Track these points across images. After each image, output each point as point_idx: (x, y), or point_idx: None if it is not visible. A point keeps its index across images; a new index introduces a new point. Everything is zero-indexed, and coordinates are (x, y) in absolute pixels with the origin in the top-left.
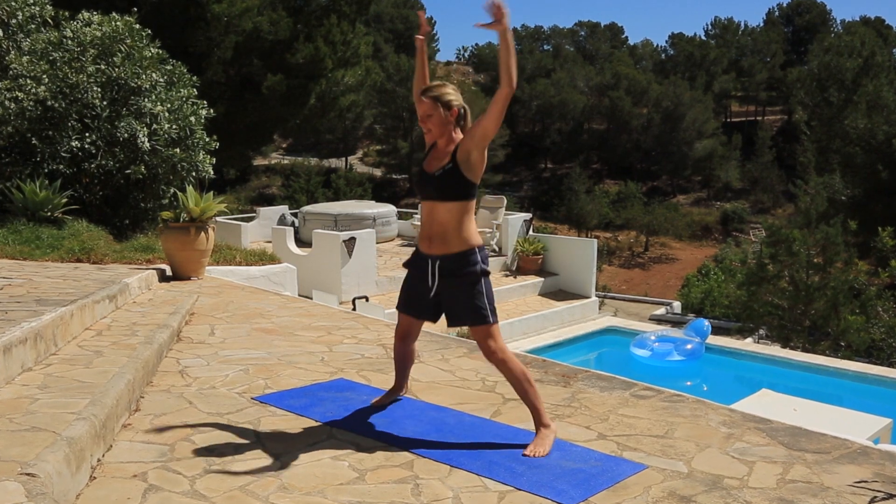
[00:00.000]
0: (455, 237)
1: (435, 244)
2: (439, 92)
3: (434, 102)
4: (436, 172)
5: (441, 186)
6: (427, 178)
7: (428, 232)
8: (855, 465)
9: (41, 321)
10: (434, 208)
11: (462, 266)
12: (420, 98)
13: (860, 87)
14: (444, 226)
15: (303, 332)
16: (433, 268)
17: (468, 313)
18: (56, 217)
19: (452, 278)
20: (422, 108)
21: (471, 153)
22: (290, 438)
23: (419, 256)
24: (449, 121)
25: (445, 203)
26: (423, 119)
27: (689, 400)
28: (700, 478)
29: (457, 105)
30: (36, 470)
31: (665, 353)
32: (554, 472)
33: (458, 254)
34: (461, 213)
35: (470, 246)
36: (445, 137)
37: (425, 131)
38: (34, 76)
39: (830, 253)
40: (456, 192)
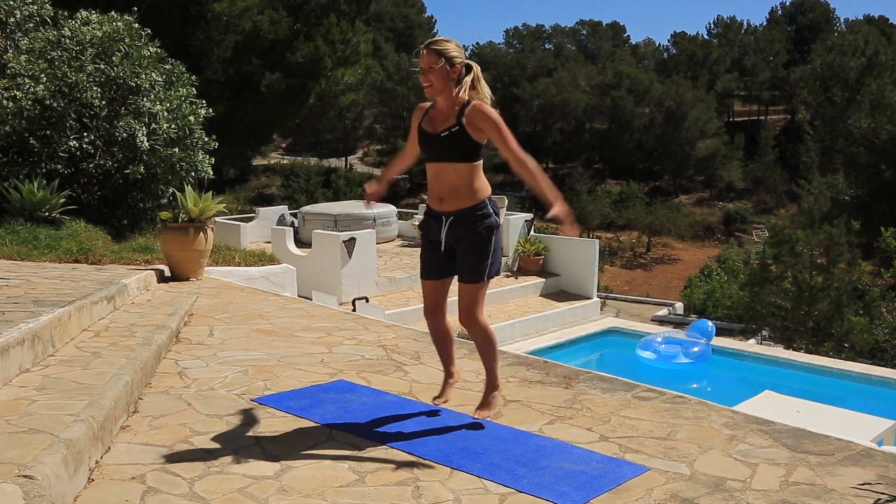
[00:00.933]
0: (466, 194)
1: (447, 203)
2: (443, 46)
3: (437, 56)
4: (441, 133)
5: (448, 147)
6: (432, 139)
7: (438, 192)
8: (858, 467)
9: (39, 322)
10: (442, 169)
11: (474, 220)
12: (422, 50)
13: (864, 87)
14: (454, 185)
15: (302, 334)
16: (446, 223)
17: (471, 267)
18: (54, 217)
19: (465, 229)
20: (424, 61)
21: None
22: (290, 440)
23: (431, 214)
24: (451, 77)
25: (454, 164)
26: (425, 71)
27: (691, 401)
28: (702, 480)
29: (459, 62)
30: (34, 472)
31: (671, 356)
32: (555, 475)
33: (469, 208)
34: (470, 173)
35: (481, 199)
36: (446, 94)
37: (425, 84)
38: (32, 75)
39: (834, 253)
40: (463, 153)
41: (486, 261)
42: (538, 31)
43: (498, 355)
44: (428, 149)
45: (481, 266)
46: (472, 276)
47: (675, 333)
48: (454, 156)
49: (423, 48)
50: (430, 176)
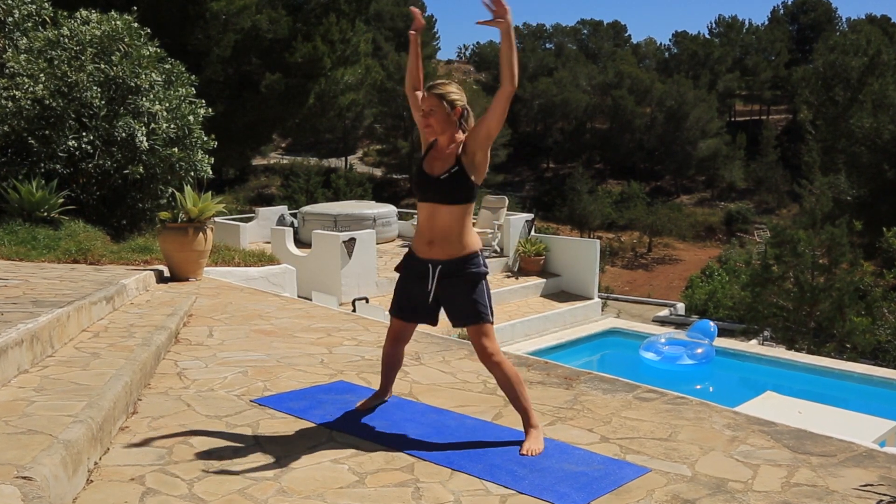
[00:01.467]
0: (457, 241)
1: (436, 248)
2: (445, 90)
3: (439, 99)
4: (441, 176)
5: (446, 190)
6: (430, 181)
7: (429, 236)
8: (861, 468)
9: (37, 323)
10: (436, 211)
11: (464, 269)
12: (423, 93)
13: (866, 86)
14: (447, 229)
15: (302, 334)
16: (434, 272)
17: (467, 311)
18: (53, 217)
19: (453, 279)
20: (426, 103)
21: (476, 154)
22: (290, 441)
23: (416, 260)
24: (452, 120)
25: (448, 206)
26: (426, 115)
27: (692, 402)
28: (704, 481)
29: (460, 105)
30: (32, 473)
31: (675, 357)
32: (556, 476)
33: (460, 258)
34: (463, 216)
35: (472, 250)
36: (446, 136)
37: (424, 127)
38: (31, 75)
39: (836, 254)
40: (460, 195)
41: (484, 300)
42: (539, 30)
43: (527, 394)
44: (424, 190)
45: (477, 305)
46: (475, 318)
47: (677, 334)
48: (451, 197)
49: (425, 91)
50: (421, 217)
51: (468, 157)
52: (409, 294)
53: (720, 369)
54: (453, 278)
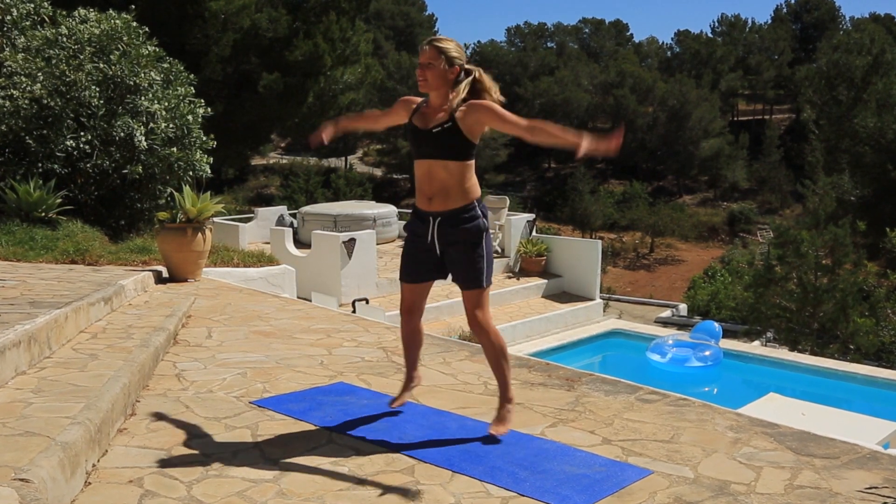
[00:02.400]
0: (456, 193)
1: (435, 202)
2: (445, 45)
3: (437, 53)
4: (433, 128)
5: (439, 144)
6: (423, 135)
7: (427, 191)
8: (864, 470)
9: (35, 324)
10: (432, 167)
11: (463, 222)
12: (423, 46)
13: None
14: (444, 184)
15: (302, 335)
16: (434, 224)
17: (465, 273)
18: (50, 218)
19: (454, 234)
20: (424, 56)
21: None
22: (289, 443)
23: (418, 214)
24: (448, 78)
25: (444, 161)
26: (423, 66)
27: (695, 404)
28: (706, 483)
29: (458, 63)
30: (30, 475)
31: (683, 359)
32: (558, 478)
33: (458, 209)
34: (461, 172)
35: (469, 200)
36: (441, 93)
37: (420, 79)
38: (29, 74)
39: (839, 254)
40: (455, 151)
41: (481, 263)
42: (540, 29)
43: (510, 365)
44: (418, 145)
45: (477, 270)
46: (471, 282)
47: (681, 336)
48: (445, 153)
49: (425, 43)
50: (418, 174)
51: (465, 122)
52: (415, 253)
53: (723, 371)
54: (454, 231)
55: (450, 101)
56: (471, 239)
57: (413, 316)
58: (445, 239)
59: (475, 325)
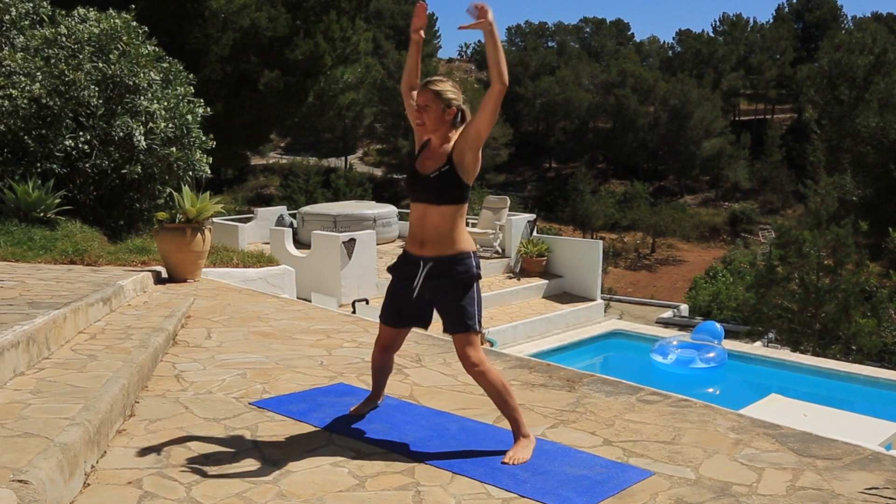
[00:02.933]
0: (449, 241)
1: (427, 247)
2: (441, 87)
3: (434, 96)
4: (431, 174)
5: (436, 189)
6: (421, 180)
7: (420, 236)
8: (866, 471)
9: (34, 324)
10: (427, 211)
11: (455, 267)
12: (420, 89)
13: (872, 85)
14: (438, 230)
15: (301, 336)
16: (424, 269)
17: (454, 318)
18: (49, 218)
19: (444, 280)
20: (420, 98)
21: (465, 155)
22: (289, 444)
23: (408, 258)
24: (445, 119)
25: (439, 206)
26: (420, 110)
27: (696, 405)
28: (708, 485)
29: (456, 105)
30: (28, 477)
31: (688, 361)
32: (558, 479)
33: (452, 256)
34: (454, 217)
35: (465, 250)
36: (439, 135)
37: (417, 124)
38: (28, 73)
39: (841, 254)
40: (451, 196)
41: (472, 307)
42: (541, 28)
43: (515, 402)
44: (416, 190)
45: (466, 313)
46: (460, 325)
47: (682, 336)
48: (441, 197)
49: (421, 86)
50: (413, 218)
51: (458, 157)
52: (399, 296)
53: (724, 372)
54: (444, 279)
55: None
56: (461, 281)
57: (388, 353)
58: (433, 285)
59: (470, 366)
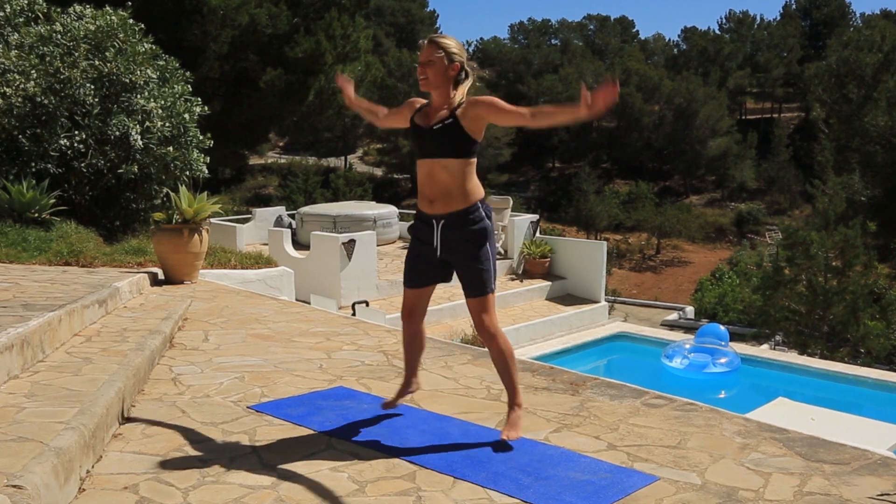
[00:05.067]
0: (458, 195)
1: (437, 204)
2: (445, 42)
3: (437, 49)
4: (434, 126)
5: (440, 141)
6: (424, 132)
7: (429, 193)
8: (875, 476)
9: (28, 327)
10: (433, 167)
11: (466, 224)
12: (424, 44)
13: (880, 83)
14: (446, 185)
15: (300, 339)
16: (438, 227)
17: (472, 280)
18: (44, 218)
19: (458, 236)
20: (424, 54)
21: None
22: (287, 449)
23: (422, 218)
24: (449, 75)
25: (446, 160)
26: (423, 64)
27: (702, 409)
28: (714, 490)
29: (459, 60)
30: (22, 482)
31: (702, 365)
32: (562, 484)
33: (461, 210)
34: (463, 171)
35: (472, 202)
36: (441, 91)
37: (421, 77)
38: (23, 71)
39: (849, 256)
40: (457, 148)
41: (487, 267)
42: (544, 25)
43: (517, 369)
44: (419, 143)
45: (482, 276)
46: (476, 289)
47: (688, 340)
48: (447, 151)
49: (425, 41)
50: (420, 175)
51: (467, 118)
52: (418, 256)
53: (731, 375)
54: (457, 235)
55: (451, 99)
56: (475, 241)
57: (414, 319)
58: (449, 244)
59: (483, 330)
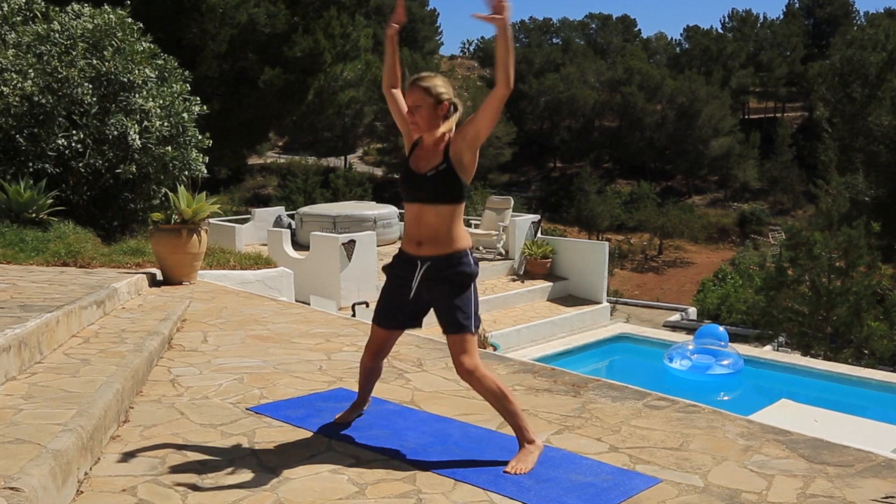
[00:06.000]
0: (446, 240)
1: (425, 247)
2: (431, 83)
3: (425, 93)
4: (427, 173)
5: (433, 188)
6: (417, 179)
7: (417, 236)
8: (879, 478)
9: (25, 328)
10: (423, 211)
11: (452, 266)
12: (408, 89)
13: (884, 83)
14: (435, 229)
15: (300, 340)
16: (421, 268)
17: (448, 318)
18: (41, 219)
19: (442, 279)
20: (410, 98)
21: (463, 154)
22: (287, 451)
23: (405, 258)
24: (438, 115)
25: (436, 206)
26: (411, 110)
27: (705, 411)
28: (717, 492)
29: (447, 99)
30: (20, 484)
31: (706, 367)
32: (563, 487)
33: (449, 255)
34: (452, 217)
35: (461, 248)
36: (433, 133)
37: (410, 124)
38: (20, 70)
39: (853, 256)
40: (448, 195)
41: (469, 307)
42: (545, 24)
43: (517, 406)
44: (411, 189)
45: (463, 312)
46: (457, 326)
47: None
48: (437, 197)
49: (410, 84)
50: (408, 217)
51: (456, 156)
52: (394, 297)
53: (734, 376)
54: (442, 278)
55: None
56: (459, 281)
57: (378, 358)
58: (432, 283)
59: (464, 373)
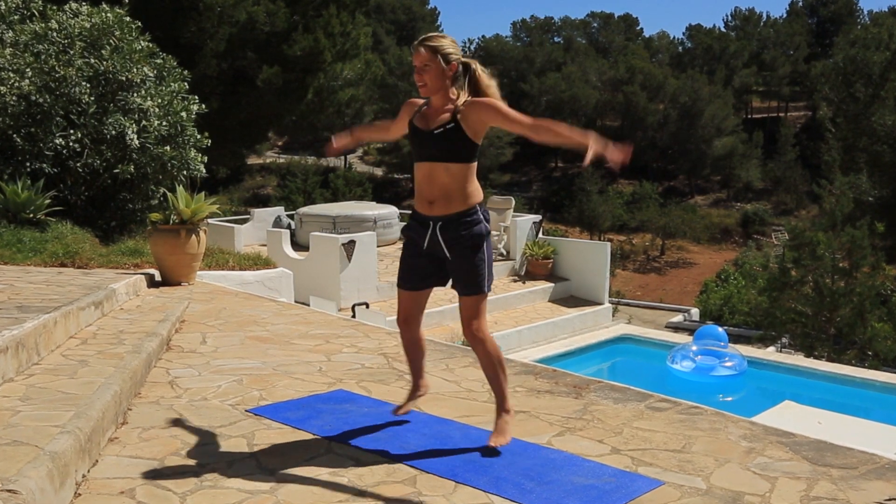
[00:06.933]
0: (458, 197)
1: (436, 206)
2: (438, 43)
3: (432, 53)
4: (434, 130)
5: (441, 145)
6: (424, 136)
7: (428, 195)
8: (883, 480)
9: (23, 329)
10: (433, 170)
11: (464, 224)
12: (415, 49)
13: (888, 82)
14: (446, 187)
15: (299, 341)
16: (434, 228)
17: (466, 279)
18: (39, 219)
19: (455, 237)
20: (418, 59)
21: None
22: (286, 453)
23: (418, 219)
24: (447, 75)
25: (447, 164)
26: (420, 70)
27: (707, 412)
28: (719, 494)
29: (455, 60)
30: (17, 486)
31: (710, 368)
32: (565, 489)
33: (460, 213)
34: (463, 175)
35: (471, 204)
36: (442, 94)
37: (420, 85)
38: (17, 69)
39: (856, 257)
40: (458, 153)
41: (482, 268)
42: (547, 23)
43: (506, 374)
44: (419, 147)
45: (477, 276)
46: (471, 287)
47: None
48: (448, 155)
49: (417, 44)
50: (418, 177)
51: (468, 122)
52: (413, 258)
53: (736, 378)
54: (455, 236)
55: (452, 101)
56: (472, 243)
57: (410, 325)
58: (446, 243)
59: (470, 334)
